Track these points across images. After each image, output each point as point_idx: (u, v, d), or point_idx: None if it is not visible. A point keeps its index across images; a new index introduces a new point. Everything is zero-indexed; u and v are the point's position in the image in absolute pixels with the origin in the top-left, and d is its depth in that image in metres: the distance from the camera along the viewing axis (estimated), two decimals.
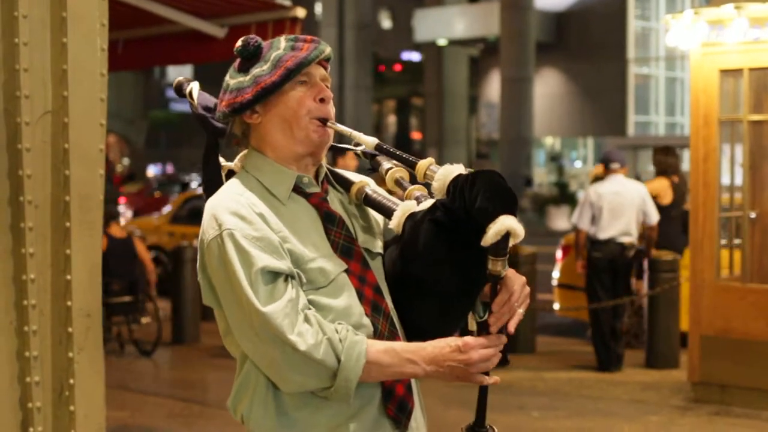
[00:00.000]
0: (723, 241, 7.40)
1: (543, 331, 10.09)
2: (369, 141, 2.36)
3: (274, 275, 2.10)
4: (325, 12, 30.30)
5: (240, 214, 2.14)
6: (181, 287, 10.01)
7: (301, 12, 6.32)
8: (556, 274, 10.22)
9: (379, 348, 2.11)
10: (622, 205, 8.52)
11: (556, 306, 10.05)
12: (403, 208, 2.24)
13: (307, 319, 2.09)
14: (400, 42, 42.93)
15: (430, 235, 2.15)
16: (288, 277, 2.12)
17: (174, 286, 10.14)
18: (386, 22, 47.04)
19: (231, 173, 2.36)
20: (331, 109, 2.27)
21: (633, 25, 34.96)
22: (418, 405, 2.28)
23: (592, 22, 33.02)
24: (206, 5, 6.27)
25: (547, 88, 33.73)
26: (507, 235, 2.03)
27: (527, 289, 2.16)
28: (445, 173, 2.17)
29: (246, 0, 6.22)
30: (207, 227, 2.17)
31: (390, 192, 2.42)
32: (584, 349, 9.31)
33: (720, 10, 6.96)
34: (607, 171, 8.74)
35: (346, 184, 2.37)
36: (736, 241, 7.43)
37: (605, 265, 8.56)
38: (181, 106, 46.90)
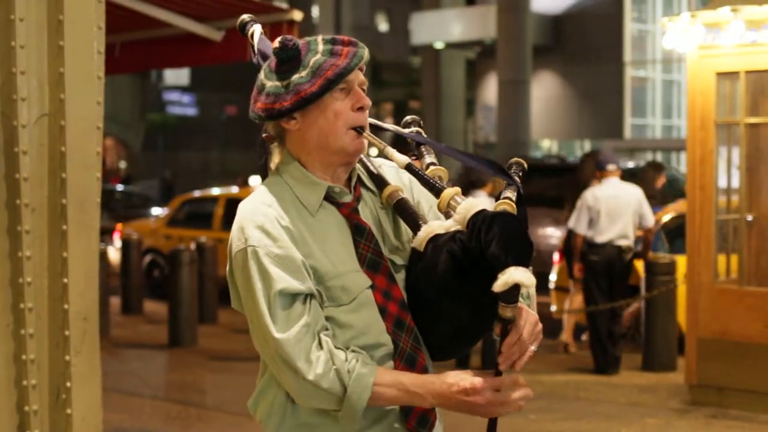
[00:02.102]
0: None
1: None
2: (401, 160, 2.31)
3: (292, 297, 2.12)
4: (322, 15, 30.32)
5: (265, 229, 2.15)
6: (179, 290, 10.00)
7: (298, 15, 6.32)
8: (553, 276, 10.22)
9: (387, 380, 2.12)
10: (619, 208, 8.54)
11: (554, 308, 10.05)
12: (427, 230, 2.21)
13: (320, 345, 2.11)
14: (397, 45, 42.94)
15: (446, 267, 2.14)
16: (307, 297, 2.13)
17: (171, 289, 10.13)
18: (383, 25, 47.04)
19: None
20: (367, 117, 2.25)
21: (630, 27, 34.95)
22: (439, 413, 2.29)
23: (588, 25, 33.01)
24: (203, 8, 6.26)
25: (544, 90, 33.72)
26: (516, 285, 2.02)
27: (539, 326, 2.15)
28: (467, 207, 2.15)
29: (242, 3, 6.21)
30: (234, 237, 2.19)
31: None
32: (581, 352, 9.31)
33: (716, 13, 6.96)
34: (604, 173, 8.73)
35: (380, 185, 2.34)
36: (734, 216, 7.39)
37: (602, 269, 8.57)
38: (178, 110, 46.86)
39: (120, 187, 26.19)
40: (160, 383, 8.75)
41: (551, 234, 11.59)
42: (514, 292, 2.03)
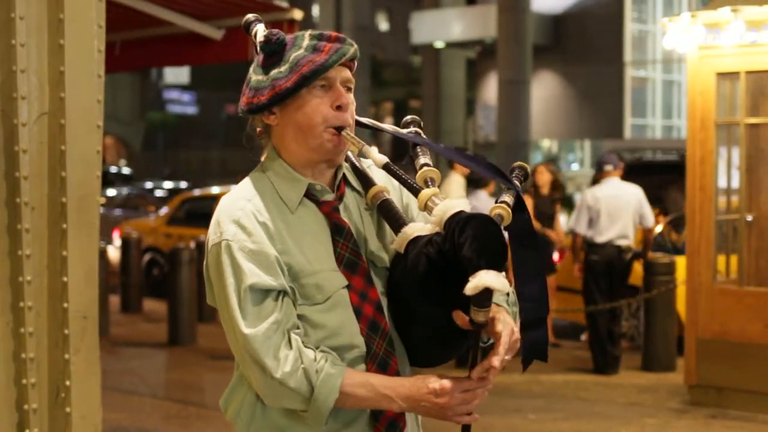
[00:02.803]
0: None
1: None
2: (379, 159, 2.27)
3: (264, 293, 2.09)
4: (322, 14, 30.30)
5: (241, 224, 2.12)
6: (178, 289, 10.01)
7: (298, 14, 6.31)
8: None
9: (356, 381, 2.09)
10: (619, 208, 8.54)
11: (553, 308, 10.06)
12: (407, 231, 2.18)
13: (289, 343, 2.08)
14: (397, 44, 42.94)
15: (423, 269, 2.11)
16: (279, 294, 2.10)
17: (170, 288, 10.14)
18: (383, 25, 47.04)
19: None
20: (351, 116, 2.21)
21: (630, 28, 34.94)
22: (413, 421, 2.25)
23: (589, 25, 33.01)
24: (203, 7, 6.26)
25: (544, 90, 33.71)
26: (488, 290, 1.98)
27: (516, 335, 2.11)
28: (444, 209, 2.12)
29: (243, 1, 6.21)
30: (211, 231, 2.18)
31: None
32: (581, 352, 9.32)
33: (717, 13, 6.96)
34: (601, 174, 8.77)
35: (366, 185, 2.31)
36: (734, 216, 7.39)
37: (602, 268, 8.57)
38: (178, 108, 46.87)
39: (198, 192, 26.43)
40: (159, 382, 8.75)
41: None
42: (486, 296, 1.99)
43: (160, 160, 39.60)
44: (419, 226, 2.19)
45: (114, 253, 13.70)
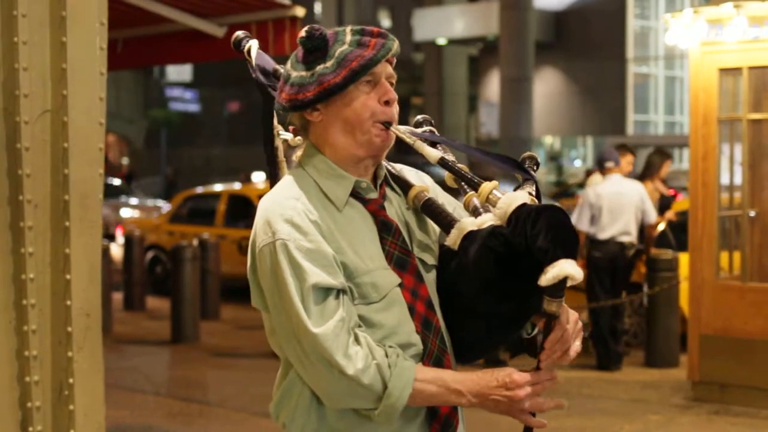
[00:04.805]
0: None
1: None
2: (433, 154, 2.24)
3: (325, 292, 2.04)
4: (324, 11, 30.30)
5: (294, 223, 2.07)
6: (181, 286, 10.01)
7: (300, 11, 6.32)
8: None
9: (428, 377, 2.07)
10: (621, 204, 8.54)
11: None
12: (460, 227, 2.17)
13: (357, 340, 2.05)
14: (399, 41, 42.92)
15: (485, 263, 2.09)
16: (339, 293, 2.06)
17: (173, 285, 10.14)
18: (386, 22, 47.00)
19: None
20: (396, 111, 2.19)
21: (632, 24, 34.92)
22: (461, 419, 2.24)
23: (591, 22, 32.98)
24: (205, 4, 6.26)
25: (547, 87, 33.69)
26: (564, 279, 1.99)
27: (580, 323, 2.13)
28: (509, 202, 2.10)
29: None
30: (260, 231, 2.11)
31: (448, 188, 2.35)
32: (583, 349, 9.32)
33: (719, 9, 6.96)
34: (603, 171, 8.78)
35: (404, 187, 2.28)
36: (736, 212, 7.40)
37: (605, 265, 8.57)
38: (181, 106, 46.86)
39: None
40: (162, 379, 8.76)
41: None
42: (561, 286, 2.00)
43: (163, 157, 39.56)
44: (470, 221, 2.18)
45: (117, 250, 13.71)
